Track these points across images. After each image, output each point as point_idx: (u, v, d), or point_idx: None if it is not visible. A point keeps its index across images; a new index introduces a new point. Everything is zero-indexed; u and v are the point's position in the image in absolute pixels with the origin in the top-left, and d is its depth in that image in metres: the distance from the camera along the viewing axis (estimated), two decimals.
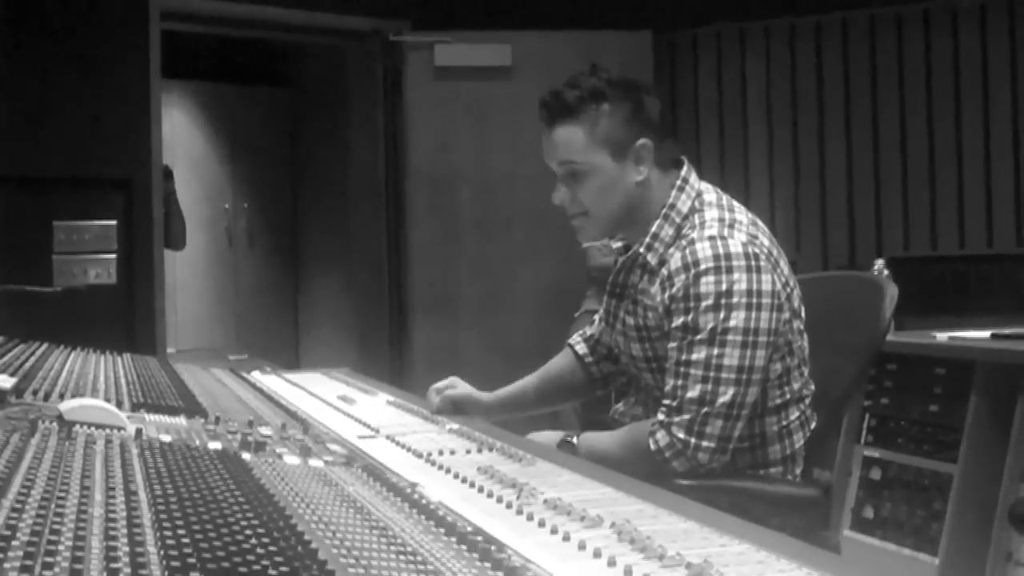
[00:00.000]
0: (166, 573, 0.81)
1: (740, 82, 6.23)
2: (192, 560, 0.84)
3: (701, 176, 2.41)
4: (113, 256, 4.87)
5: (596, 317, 2.66)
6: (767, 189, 6.09)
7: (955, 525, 3.49)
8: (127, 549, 0.88)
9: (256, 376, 2.74)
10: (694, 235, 2.26)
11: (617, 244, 2.55)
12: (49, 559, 0.82)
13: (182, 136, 8.06)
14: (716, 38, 6.29)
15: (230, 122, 8.55)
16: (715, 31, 6.28)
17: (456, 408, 2.43)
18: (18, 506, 0.98)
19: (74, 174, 4.97)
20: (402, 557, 0.99)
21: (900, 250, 5.64)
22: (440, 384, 2.52)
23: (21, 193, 4.84)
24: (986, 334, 3.70)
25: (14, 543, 0.85)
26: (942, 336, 3.78)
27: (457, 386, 2.53)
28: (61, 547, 0.86)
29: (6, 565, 0.79)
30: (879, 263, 4.56)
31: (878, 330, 2.45)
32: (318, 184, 8.26)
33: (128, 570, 0.82)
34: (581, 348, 2.66)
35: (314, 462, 1.49)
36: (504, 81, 6.27)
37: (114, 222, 4.91)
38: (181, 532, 0.92)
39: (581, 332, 2.69)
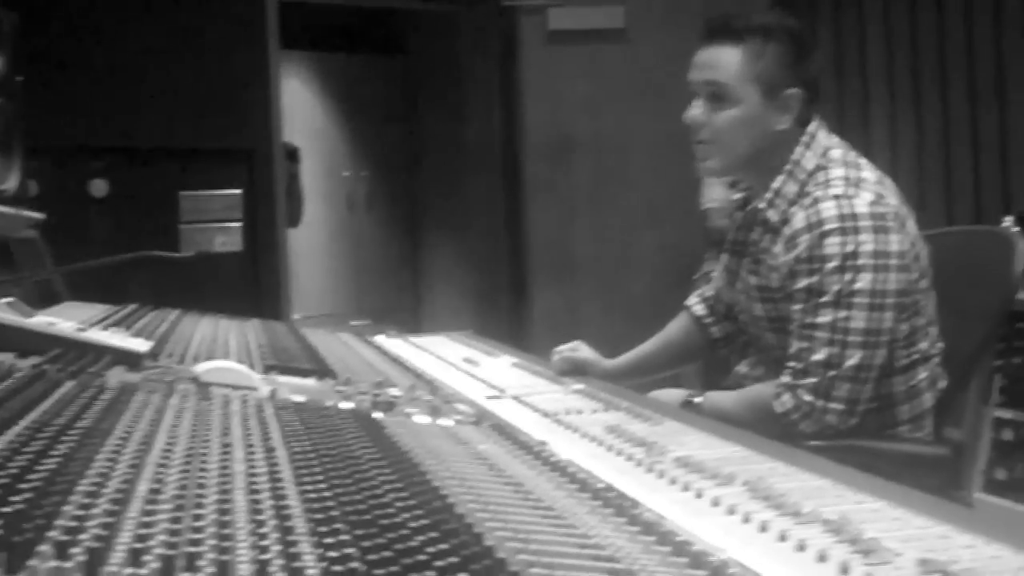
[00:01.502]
0: (311, 525, 0.83)
1: (860, 41, 6.10)
2: (335, 513, 0.86)
3: None
4: (239, 225, 4.97)
5: (713, 274, 2.64)
6: (888, 146, 5.96)
7: None
8: (271, 503, 0.90)
9: (381, 339, 2.77)
10: (819, 193, 2.22)
11: (737, 196, 2.52)
12: (198, 511, 0.84)
13: (301, 106, 8.16)
14: None
15: (347, 91, 8.64)
16: None
17: (577, 371, 2.43)
18: (164, 462, 1.01)
19: (199, 146, 5.06)
20: (538, 512, 1.00)
21: None
22: (564, 347, 2.53)
23: (148, 165, 4.95)
24: None
25: (163, 496, 0.88)
26: None
27: (580, 350, 2.53)
28: (208, 500, 0.89)
29: (158, 516, 0.81)
30: (1008, 220, 4.45)
31: (1009, 287, 2.39)
32: (435, 150, 8.30)
33: (274, 522, 0.84)
34: (699, 309, 2.64)
35: (444, 421, 1.51)
36: (618, 43, 6.23)
37: (239, 191, 5.01)
38: (322, 487, 0.94)
39: (699, 292, 2.67)
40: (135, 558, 0.71)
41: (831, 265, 2.15)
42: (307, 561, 0.74)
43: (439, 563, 0.75)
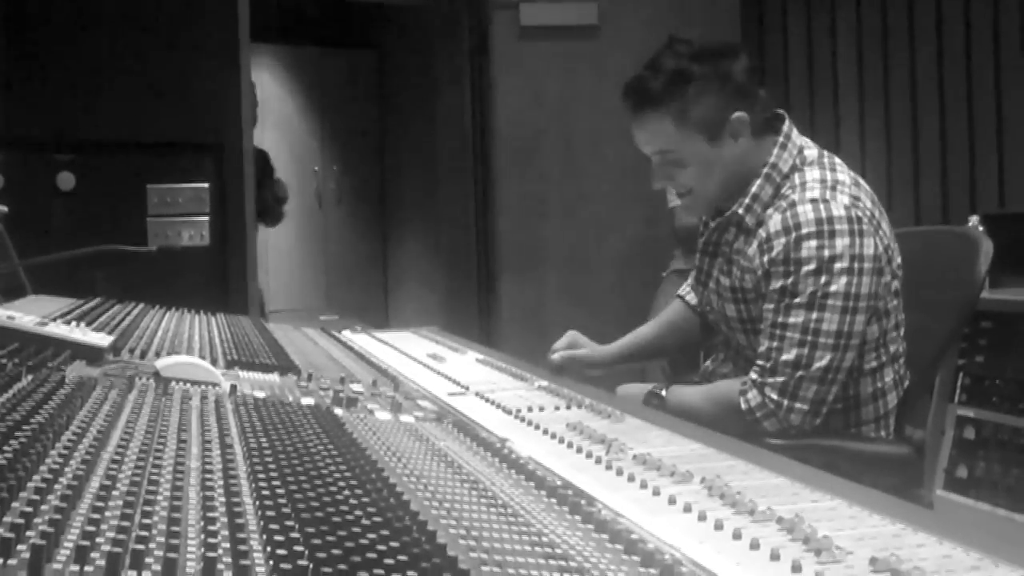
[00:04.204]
0: (262, 523, 0.83)
1: (830, 39, 6.12)
2: (287, 510, 0.85)
3: None
4: (206, 218, 4.94)
5: (692, 275, 2.65)
6: (858, 145, 5.99)
7: None
8: (223, 499, 0.90)
9: (347, 335, 2.77)
10: (795, 196, 2.22)
11: None
12: (148, 508, 0.83)
13: (271, 99, 8.14)
14: None
15: (318, 85, 8.63)
16: None
17: (579, 367, 2.45)
18: (117, 458, 1.00)
19: (167, 139, 5.03)
20: (492, 510, 1.00)
21: (995, 206, 5.51)
22: (560, 343, 2.55)
23: (116, 157, 4.92)
24: None
25: (114, 492, 0.87)
26: None
27: (578, 344, 2.54)
28: (159, 497, 0.88)
29: (107, 513, 0.81)
30: (974, 219, 4.48)
31: (973, 287, 2.40)
32: (406, 145, 8.29)
33: (225, 519, 0.84)
34: (691, 298, 2.65)
35: (405, 418, 1.51)
36: (590, 40, 6.23)
37: (206, 185, 4.98)
38: (276, 483, 0.94)
39: (689, 283, 2.67)
40: (81, 555, 0.71)
41: (807, 268, 2.16)
42: (255, 559, 0.74)
43: (388, 561, 0.75)
